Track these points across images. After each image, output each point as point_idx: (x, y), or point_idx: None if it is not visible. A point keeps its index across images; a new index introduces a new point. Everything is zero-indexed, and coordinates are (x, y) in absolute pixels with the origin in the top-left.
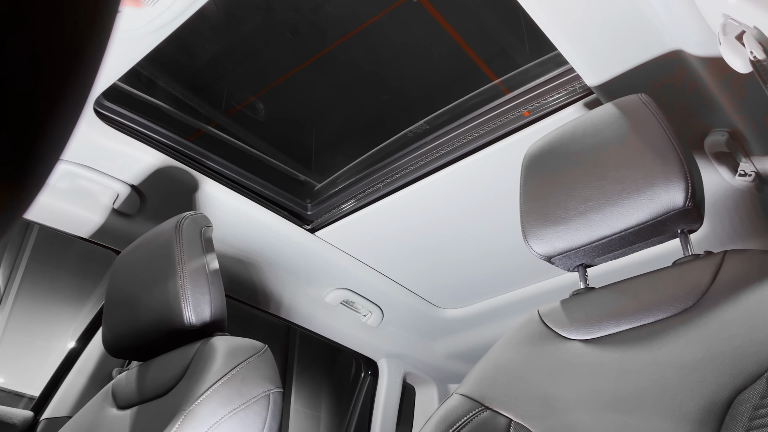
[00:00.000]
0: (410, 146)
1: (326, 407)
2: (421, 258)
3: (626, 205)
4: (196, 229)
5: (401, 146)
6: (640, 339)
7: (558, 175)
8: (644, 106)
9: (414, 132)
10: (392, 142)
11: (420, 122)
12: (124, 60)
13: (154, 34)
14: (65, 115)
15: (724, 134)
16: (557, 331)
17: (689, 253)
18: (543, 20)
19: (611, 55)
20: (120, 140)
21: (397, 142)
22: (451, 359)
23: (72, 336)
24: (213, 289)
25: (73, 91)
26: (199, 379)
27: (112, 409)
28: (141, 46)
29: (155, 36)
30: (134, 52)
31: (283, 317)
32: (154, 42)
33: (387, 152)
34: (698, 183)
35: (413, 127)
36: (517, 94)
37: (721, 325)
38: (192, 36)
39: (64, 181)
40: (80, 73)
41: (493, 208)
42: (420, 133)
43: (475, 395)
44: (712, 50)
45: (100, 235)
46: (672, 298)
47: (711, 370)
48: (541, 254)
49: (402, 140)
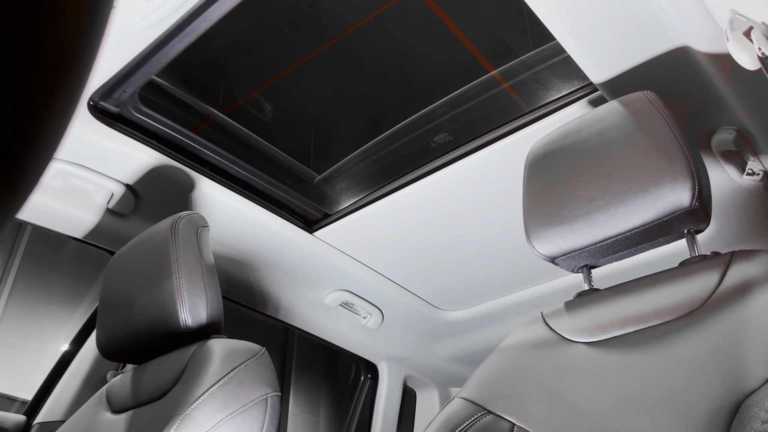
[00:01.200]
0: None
1: (325, 411)
2: (422, 258)
3: (632, 205)
4: (192, 230)
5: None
6: (646, 341)
7: (562, 174)
8: (650, 103)
9: (437, 143)
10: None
11: (443, 134)
12: (119, 56)
13: (149, 30)
14: (58, 113)
15: (732, 132)
16: (561, 333)
17: (696, 253)
18: (546, 15)
19: (616, 52)
20: (114, 138)
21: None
22: (452, 362)
23: (65, 338)
24: (209, 291)
25: (67, 87)
26: (195, 382)
27: (107, 413)
28: (136, 42)
29: (151, 32)
30: (129, 48)
31: (281, 319)
32: (149, 38)
33: (386, 144)
34: (705, 182)
35: (437, 138)
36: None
37: (728, 327)
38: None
39: (58, 180)
40: (74, 68)
41: (496, 208)
42: (443, 144)
43: (478, 399)
44: (719, 46)
45: (95, 235)
46: (678, 300)
47: (718, 373)
48: (545, 255)
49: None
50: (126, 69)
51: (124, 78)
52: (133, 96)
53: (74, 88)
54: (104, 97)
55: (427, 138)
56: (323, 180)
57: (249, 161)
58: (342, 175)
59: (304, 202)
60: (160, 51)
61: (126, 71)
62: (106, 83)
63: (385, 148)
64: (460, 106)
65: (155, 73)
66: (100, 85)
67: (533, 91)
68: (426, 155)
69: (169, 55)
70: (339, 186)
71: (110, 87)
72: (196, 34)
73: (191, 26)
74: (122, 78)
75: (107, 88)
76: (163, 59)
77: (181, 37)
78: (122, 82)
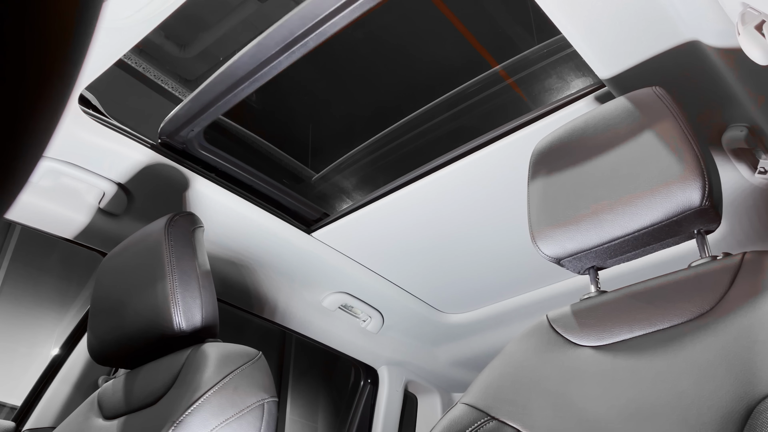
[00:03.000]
0: None
1: (323, 417)
2: (424, 260)
3: (640, 205)
4: (186, 230)
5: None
6: (655, 345)
7: (568, 173)
8: (659, 99)
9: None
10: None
11: None
12: (111, 51)
13: (141, 24)
14: (48, 109)
15: (743, 129)
16: (567, 337)
17: (706, 254)
18: (552, 9)
19: (624, 46)
20: (106, 136)
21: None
22: (455, 367)
23: (56, 342)
24: (204, 293)
25: (57, 83)
26: (189, 387)
27: (98, 420)
28: (128, 36)
29: (143, 26)
30: (121, 43)
31: (278, 322)
32: (142, 32)
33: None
34: (716, 181)
35: None
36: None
37: (740, 331)
38: (181, 25)
39: (47, 179)
40: (64, 64)
41: (500, 208)
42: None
43: (481, 405)
44: (730, 41)
45: (86, 235)
46: (688, 302)
47: (729, 378)
48: (550, 256)
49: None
50: (195, 109)
51: (193, 117)
52: (199, 134)
53: (64, 83)
54: (172, 135)
55: (429, 135)
56: (322, 178)
57: (245, 159)
58: (341, 173)
59: (301, 202)
60: (231, 94)
61: (195, 111)
62: (174, 121)
63: (385, 146)
64: (462, 102)
65: (222, 113)
66: (168, 122)
67: (538, 87)
68: (428, 153)
69: (238, 98)
70: (338, 185)
71: (179, 125)
72: (266, 80)
73: (262, 73)
74: (192, 117)
75: (176, 127)
76: (232, 101)
77: (252, 82)
78: (190, 122)
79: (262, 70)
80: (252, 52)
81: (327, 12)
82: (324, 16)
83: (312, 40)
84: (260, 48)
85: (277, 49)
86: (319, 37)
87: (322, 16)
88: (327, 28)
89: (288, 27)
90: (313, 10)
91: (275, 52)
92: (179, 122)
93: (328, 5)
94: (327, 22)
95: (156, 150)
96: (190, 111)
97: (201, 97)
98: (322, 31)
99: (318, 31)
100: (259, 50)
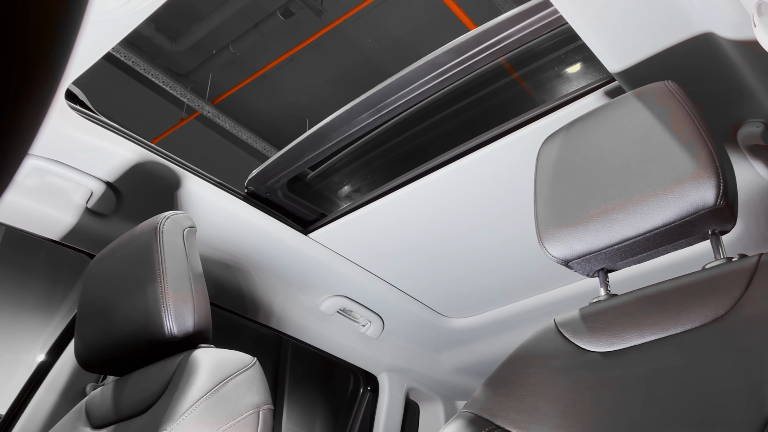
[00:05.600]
0: None
1: (321, 426)
2: (426, 262)
3: (651, 204)
4: (177, 231)
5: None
6: (667, 351)
7: (576, 171)
8: (671, 94)
9: None
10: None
11: None
12: (98, 45)
13: (131, 16)
14: (33, 105)
15: (760, 125)
16: (576, 342)
17: (721, 256)
18: (560, 0)
19: (635, 39)
20: (94, 133)
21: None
22: (458, 374)
23: (41, 348)
24: (197, 297)
25: (42, 77)
26: (181, 395)
27: (86, 429)
28: (117, 29)
29: (132, 18)
30: (109, 35)
31: (274, 327)
32: (131, 25)
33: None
34: (731, 179)
35: None
36: None
37: (756, 337)
38: (172, 16)
39: (33, 177)
40: (50, 57)
41: (505, 207)
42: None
43: (485, 413)
44: (745, 33)
45: (73, 236)
46: (702, 306)
47: (745, 387)
48: (558, 258)
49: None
50: (284, 162)
51: (280, 169)
52: (283, 186)
53: (50, 78)
54: (258, 185)
55: (430, 132)
56: (318, 177)
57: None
58: (339, 171)
59: (298, 202)
60: (319, 150)
61: (284, 164)
62: (262, 173)
63: (385, 143)
64: (465, 97)
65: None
66: (257, 174)
67: (545, 82)
68: (429, 151)
69: (325, 155)
70: (336, 184)
71: (266, 176)
72: (351, 139)
73: (348, 134)
74: (280, 169)
75: (264, 177)
76: (318, 157)
77: (339, 141)
78: (278, 173)
79: (347, 132)
80: (343, 116)
81: (415, 84)
82: (412, 87)
83: (400, 106)
84: (351, 113)
85: (367, 112)
86: (407, 104)
87: (409, 87)
88: (414, 98)
89: (379, 95)
90: (403, 83)
91: (358, 118)
92: (266, 174)
93: (415, 78)
94: (415, 92)
95: (145, 147)
96: (277, 164)
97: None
98: (410, 100)
99: (405, 100)
100: (350, 114)
